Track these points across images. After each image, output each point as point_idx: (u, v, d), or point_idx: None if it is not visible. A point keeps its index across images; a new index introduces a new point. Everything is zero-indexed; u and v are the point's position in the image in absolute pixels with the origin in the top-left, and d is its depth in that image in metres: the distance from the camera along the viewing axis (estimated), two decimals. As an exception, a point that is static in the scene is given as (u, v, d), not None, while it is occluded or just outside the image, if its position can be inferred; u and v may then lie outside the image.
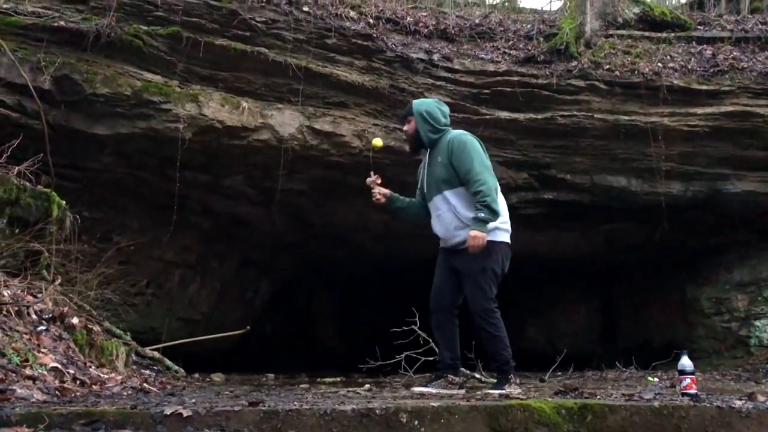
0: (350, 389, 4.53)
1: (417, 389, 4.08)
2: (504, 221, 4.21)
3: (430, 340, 6.04)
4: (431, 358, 6.08)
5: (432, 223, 4.37)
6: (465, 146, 4.18)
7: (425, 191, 4.39)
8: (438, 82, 7.71)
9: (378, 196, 4.42)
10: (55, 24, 6.49)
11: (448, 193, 4.20)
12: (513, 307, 11.42)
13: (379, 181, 4.42)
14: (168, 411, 2.41)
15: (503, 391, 3.87)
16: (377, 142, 4.66)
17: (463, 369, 4.95)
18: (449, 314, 4.25)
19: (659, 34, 8.76)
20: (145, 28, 6.78)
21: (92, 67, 6.60)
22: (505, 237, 4.22)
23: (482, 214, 3.96)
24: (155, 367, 5.90)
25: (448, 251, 4.27)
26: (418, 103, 4.46)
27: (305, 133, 7.37)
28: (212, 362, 7.68)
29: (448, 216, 4.19)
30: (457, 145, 4.19)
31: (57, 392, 3.14)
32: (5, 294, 3.82)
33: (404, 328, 6.02)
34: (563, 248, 10.00)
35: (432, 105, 4.43)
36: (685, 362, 3.70)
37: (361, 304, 14.18)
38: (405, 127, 4.45)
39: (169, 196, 7.18)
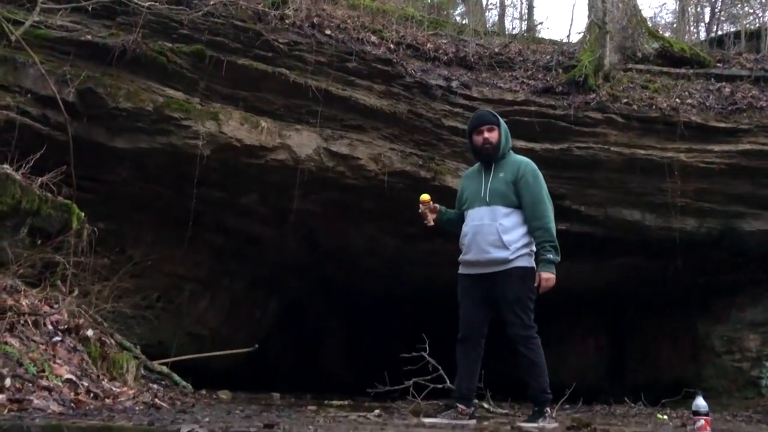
0: (360, 414, 4.51)
1: (428, 420, 4.00)
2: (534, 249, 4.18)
3: (439, 368, 6.03)
4: (440, 386, 6.05)
5: (463, 233, 4.23)
6: (539, 179, 4.18)
7: (469, 199, 4.27)
8: (456, 109, 7.74)
9: (431, 222, 4.35)
10: (83, 38, 6.59)
11: (498, 208, 4.10)
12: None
13: (431, 207, 4.34)
14: (184, 430, 2.40)
15: (537, 425, 3.79)
16: (425, 196, 4.40)
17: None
18: (477, 345, 4.16)
19: (678, 70, 8.80)
20: (170, 45, 6.87)
21: (116, 82, 6.69)
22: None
23: (551, 256, 3.98)
24: (163, 382, 5.89)
25: (479, 278, 4.13)
26: (499, 118, 4.40)
27: (322, 154, 7.42)
28: (218, 379, 7.65)
29: (489, 229, 4.07)
30: (531, 173, 4.17)
31: (72, 404, 3.14)
32: (24, 303, 3.84)
33: (413, 353, 5.98)
34: (574, 280, 9.87)
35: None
36: (700, 403, 3.66)
37: (369, 328, 14.12)
38: (487, 135, 4.25)
39: (185, 212, 7.23)
